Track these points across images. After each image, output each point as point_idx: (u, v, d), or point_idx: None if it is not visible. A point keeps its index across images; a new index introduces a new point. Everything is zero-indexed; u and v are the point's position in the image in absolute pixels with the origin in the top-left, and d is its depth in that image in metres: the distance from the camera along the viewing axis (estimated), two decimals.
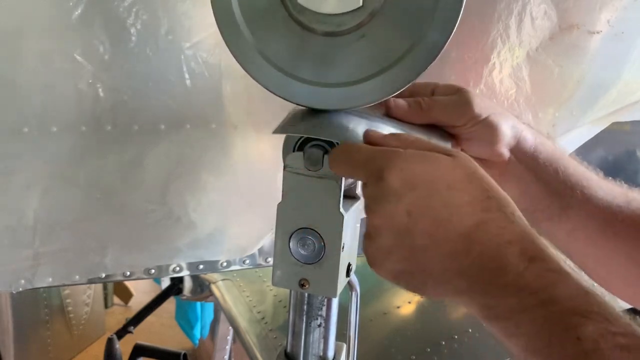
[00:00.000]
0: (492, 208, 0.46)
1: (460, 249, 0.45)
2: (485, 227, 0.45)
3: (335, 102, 0.52)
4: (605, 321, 0.39)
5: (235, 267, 0.97)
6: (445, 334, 1.20)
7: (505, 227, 0.45)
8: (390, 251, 0.47)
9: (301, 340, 0.60)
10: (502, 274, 0.43)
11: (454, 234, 0.45)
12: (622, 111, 0.95)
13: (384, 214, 0.47)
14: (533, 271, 0.42)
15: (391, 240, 0.47)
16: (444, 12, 0.48)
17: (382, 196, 0.47)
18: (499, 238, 0.44)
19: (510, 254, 0.43)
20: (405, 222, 0.46)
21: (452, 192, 0.46)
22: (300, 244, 0.54)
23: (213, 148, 0.80)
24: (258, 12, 0.51)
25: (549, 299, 0.41)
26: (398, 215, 0.46)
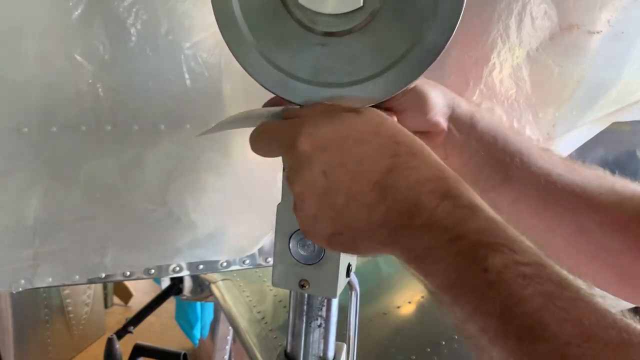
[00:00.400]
0: (401, 152, 0.46)
1: (376, 197, 0.45)
2: (396, 171, 0.45)
3: (335, 102, 0.52)
4: (512, 252, 0.40)
5: (235, 267, 0.97)
6: (445, 334, 1.20)
7: (415, 168, 0.45)
8: (316, 215, 0.48)
9: (301, 340, 0.60)
10: (416, 214, 0.43)
11: (368, 184, 0.45)
12: (622, 111, 0.95)
13: (302, 180, 0.47)
14: (444, 208, 0.43)
15: (314, 204, 0.47)
16: (444, 13, 0.48)
17: (297, 164, 0.48)
18: (410, 179, 0.45)
19: (423, 194, 0.44)
20: (323, 183, 0.46)
21: (361, 145, 0.46)
22: (300, 244, 0.54)
23: (213, 148, 0.80)
24: (258, 12, 0.51)
25: (458, 234, 0.42)
26: (315, 178, 0.47)
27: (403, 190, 0.44)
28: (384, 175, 0.45)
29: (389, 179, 0.45)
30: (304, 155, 0.47)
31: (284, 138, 0.49)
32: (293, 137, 0.48)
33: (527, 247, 0.41)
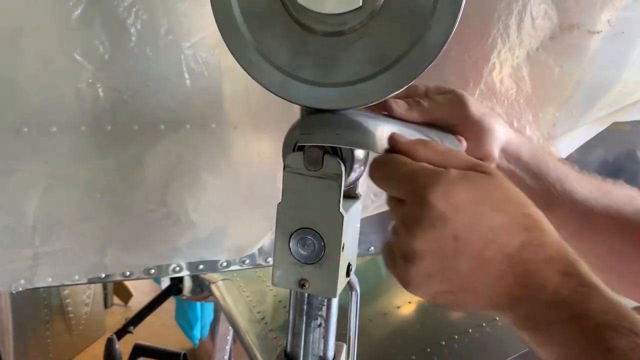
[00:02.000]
0: (531, 226, 0.47)
1: (505, 269, 0.46)
2: (528, 247, 0.46)
3: (335, 102, 0.52)
4: (635, 335, 0.41)
5: (235, 267, 0.97)
6: (445, 334, 1.20)
7: (544, 244, 0.46)
8: (432, 274, 0.47)
9: (301, 340, 0.59)
10: (541, 291, 0.45)
11: (500, 255, 0.46)
12: (622, 111, 0.95)
13: (430, 238, 0.46)
14: (568, 286, 0.44)
15: (436, 264, 0.47)
16: (443, 12, 0.48)
17: (426, 220, 0.46)
18: (540, 255, 0.46)
19: (551, 271, 0.45)
20: (452, 247, 0.46)
21: (495, 214, 0.46)
22: (300, 244, 0.54)
23: (213, 148, 0.80)
24: (258, 12, 0.51)
25: (582, 313, 0.43)
26: (445, 240, 0.46)
27: (534, 266, 0.45)
28: (518, 249, 0.46)
29: (522, 253, 0.46)
30: (437, 214, 0.46)
31: (416, 186, 0.47)
32: (428, 191, 0.46)
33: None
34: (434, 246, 0.46)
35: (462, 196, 0.46)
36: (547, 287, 0.44)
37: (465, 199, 0.46)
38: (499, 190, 0.47)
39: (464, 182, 0.46)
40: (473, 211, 0.46)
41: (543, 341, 0.45)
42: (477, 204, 0.46)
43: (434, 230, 0.46)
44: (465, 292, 0.47)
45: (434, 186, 0.46)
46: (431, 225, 0.46)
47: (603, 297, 0.44)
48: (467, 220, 0.46)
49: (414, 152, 0.50)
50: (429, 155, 0.50)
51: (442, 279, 0.47)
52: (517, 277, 0.45)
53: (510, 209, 0.47)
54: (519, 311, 0.46)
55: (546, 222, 0.48)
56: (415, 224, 0.47)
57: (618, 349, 0.41)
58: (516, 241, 0.46)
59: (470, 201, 0.46)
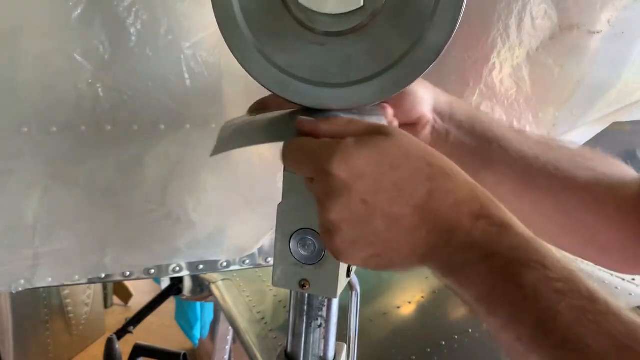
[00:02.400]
0: (436, 174, 0.48)
1: (417, 221, 0.47)
2: (434, 195, 0.47)
3: (335, 102, 0.52)
4: (544, 268, 0.43)
5: (235, 267, 0.97)
6: (445, 334, 1.20)
7: (452, 190, 0.47)
8: (354, 241, 0.48)
9: (301, 340, 0.59)
10: (454, 234, 0.46)
11: (408, 208, 0.47)
12: (622, 111, 0.95)
13: (340, 207, 0.48)
14: (479, 227, 0.46)
15: (353, 230, 0.48)
16: (444, 13, 0.48)
17: (332, 190, 0.48)
18: (448, 201, 0.47)
19: (460, 214, 0.46)
20: (363, 210, 0.47)
21: (397, 170, 0.47)
22: (301, 244, 0.54)
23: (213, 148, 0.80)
24: (259, 12, 0.51)
25: (492, 252, 0.45)
26: (354, 206, 0.47)
27: (443, 213, 0.47)
28: (425, 199, 0.47)
29: (429, 203, 0.47)
30: (341, 183, 0.47)
31: (318, 161, 0.49)
32: (327, 162, 0.47)
33: (557, 262, 0.44)
34: (346, 214, 0.47)
35: (361, 160, 0.47)
36: (458, 230, 0.46)
37: (364, 162, 0.47)
38: (397, 147, 0.48)
39: (360, 147, 0.48)
40: (373, 172, 0.47)
41: (461, 284, 0.47)
42: (377, 165, 0.47)
43: (341, 200, 0.47)
44: (390, 252, 0.48)
45: (332, 157, 0.47)
46: (338, 195, 0.47)
47: (515, 235, 0.45)
48: (370, 182, 0.47)
49: (316, 130, 0.51)
50: (329, 129, 0.51)
51: (365, 243, 0.48)
52: (429, 226, 0.47)
53: (412, 163, 0.48)
54: (438, 259, 0.47)
55: (454, 169, 0.49)
56: (325, 198, 0.48)
57: (527, 284, 0.42)
58: (421, 191, 0.47)
59: (369, 164, 0.47)
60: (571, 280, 0.42)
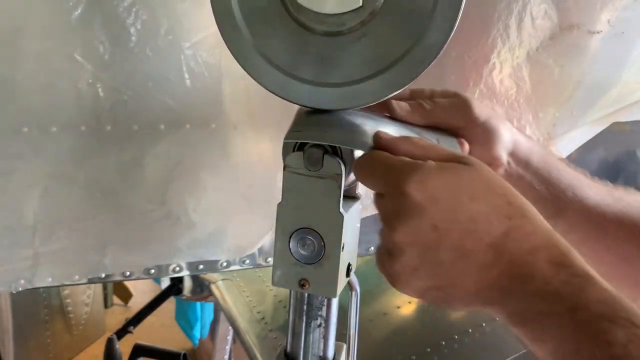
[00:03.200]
0: (516, 215, 0.45)
1: (489, 259, 0.44)
2: (512, 235, 0.44)
3: (335, 102, 0.52)
4: (634, 326, 0.40)
5: (235, 267, 0.97)
6: (445, 334, 1.20)
7: (531, 234, 0.45)
8: (416, 268, 0.46)
9: (301, 340, 0.59)
10: (531, 281, 0.43)
11: (482, 245, 0.44)
12: (622, 111, 0.95)
13: (408, 230, 0.45)
14: (561, 277, 0.43)
15: (417, 257, 0.46)
16: (444, 12, 0.48)
17: (404, 211, 0.45)
18: (526, 245, 0.44)
19: (538, 261, 0.44)
20: (432, 237, 0.45)
21: (475, 203, 0.45)
22: (300, 244, 0.54)
23: (213, 148, 0.80)
24: (258, 12, 0.51)
25: (577, 304, 0.42)
26: (424, 231, 0.45)
27: (519, 256, 0.44)
28: (501, 237, 0.44)
29: (505, 242, 0.44)
30: (414, 205, 0.45)
31: (394, 178, 0.47)
32: (404, 181, 0.46)
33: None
34: (413, 238, 0.45)
35: (439, 185, 0.45)
36: (536, 277, 0.43)
37: (443, 188, 0.45)
38: (480, 179, 0.46)
39: (441, 172, 0.46)
40: (451, 200, 0.45)
41: (537, 336, 0.44)
42: (455, 193, 0.45)
43: (411, 222, 0.45)
44: (452, 287, 0.46)
45: (410, 177, 0.45)
46: (409, 217, 0.45)
47: (598, 288, 0.42)
48: (445, 210, 0.45)
49: (395, 147, 0.50)
50: (410, 149, 0.50)
51: (427, 273, 0.46)
52: (502, 267, 0.44)
53: (492, 198, 0.46)
54: (509, 304, 0.45)
55: (533, 212, 0.47)
56: (393, 217, 0.46)
57: (617, 341, 0.39)
58: (498, 230, 0.45)
59: (448, 190, 0.45)
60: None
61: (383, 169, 0.48)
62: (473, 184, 0.46)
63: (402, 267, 0.47)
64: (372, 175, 0.50)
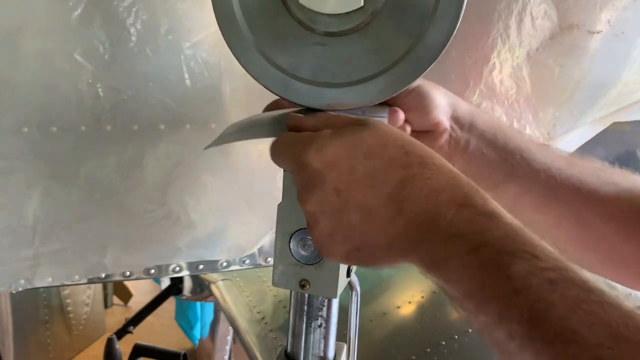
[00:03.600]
0: (413, 163, 0.46)
1: (392, 211, 0.45)
2: (410, 182, 0.45)
3: (336, 102, 0.52)
4: (534, 258, 0.40)
5: (235, 267, 0.97)
6: (445, 334, 1.20)
7: (430, 178, 0.45)
8: (332, 234, 0.48)
9: (301, 340, 0.59)
10: (434, 225, 0.44)
11: (382, 197, 0.45)
12: (622, 111, 0.95)
13: (315, 199, 0.47)
14: (463, 216, 0.43)
15: (329, 222, 0.47)
16: (444, 13, 0.48)
17: (307, 181, 0.47)
18: (424, 190, 0.45)
19: (439, 204, 0.44)
20: (336, 201, 0.46)
21: (371, 159, 0.46)
22: (301, 244, 0.54)
23: (213, 148, 0.80)
24: (259, 12, 0.51)
25: (479, 242, 0.42)
26: (327, 196, 0.46)
27: (419, 202, 0.44)
28: (398, 187, 0.45)
29: (403, 191, 0.45)
30: (314, 173, 0.47)
31: (294, 154, 0.48)
32: (303, 154, 0.47)
33: (549, 251, 0.41)
34: (321, 205, 0.47)
35: (335, 150, 0.46)
36: (440, 220, 0.43)
37: (338, 152, 0.46)
38: (374, 136, 0.47)
39: (336, 137, 0.47)
40: (347, 162, 0.46)
41: (447, 278, 0.44)
42: (351, 154, 0.46)
43: (315, 190, 0.47)
44: (369, 246, 0.47)
45: (308, 147, 0.47)
46: (312, 186, 0.47)
47: (502, 223, 0.42)
48: (343, 172, 0.46)
49: (299, 124, 0.51)
50: (312, 123, 0.51)
51: (342, 236, 0.47)
52: (406, 216, 0.45)
53: (388, 152, 0.46)
54: (420, 252, 0.45)
55: (435, 158, 0.47)
56: (302, 190, 0.48)
57: (517, 275, 0.39)
58: (394, 179, 0.45)
59: (343, 153, 0.46)
60: (564, 269, 0.39)
61: (287, 147, 0.50)
62: (368, 142, 0.47)
63: (321, 235, 0.48)
64: (280, 154, 0.51)
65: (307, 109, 0.54)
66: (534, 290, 0.39)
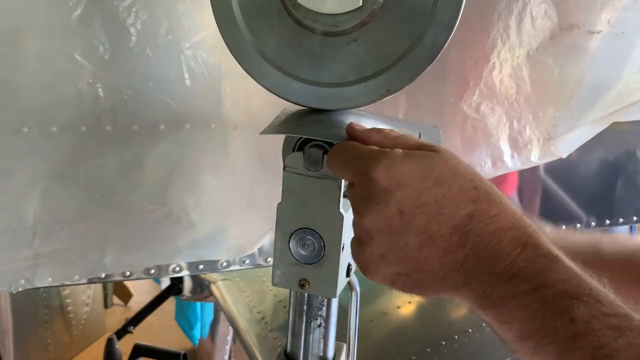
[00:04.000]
0: (481, 198, 0.45)
1: (455, 242, 0.45)
2: (477, 217, 0.45)
3: (335, 102, 0.52)
4: (597, 303, 0.40)
5: (235, 267, 0.97)
6: (445, 334, 1.20)
7: (496, 215, 0.45)
8: (384, 254, 0.47)
9: (301, 340, 0.59)
10: (496, 262, 0.43)
11: (447, 228, 0.45)
12: (622, 111, 0.95)
13: (375, 216, 0.46)
14: (525, 257, 0.43)
15: (385, 242, 0.46)
16: (443, 12, 0.48)
17: (370, 197, 0.46)
18: (491, 227, 0.44)
19: (503, 242, 0.44)
20: (398, 222, 0.45)
21: (441, 187, 0.45)
22: (300, 244, 0.54)
23: (213, 148, 0.80)
24: (258, 12, 0.51)
25: (541, 283, 0.42)
26: (390, 216, 0.45)
27: (484, 237, 0.44)
28: (465, 220, 0.45)
29: (469, 224, 0.44)
30: (380, 190, 0.46)
31: (361, 167, 0.47)
32: (371, 168, 0.46)
33: (612, 298, 0.41)
34: (380, 223, 0.46)
35: (405, 171, 0.45)
36: (500, 258, 0.43)
37: (408, 173, 0.45)
38: (445, 165, 0.46)
39: (407, 158, 0.46)
40: (416, 185, 0.45)
41: (503, 319, 0.43)
42: (421, 179, 0.45)
43: (378, 207, 0.46)
44: (420, 273, 0.46)
45: (377, 163, 0.46)
46: (375, 202, 0.46)
47: (562, 267, 0.42)
48: (411, 194, 0.45)
49: (366, 137, 0.50)
50: (379, 139, 0.50)
51: (395, 258, 0.46)
52: (467, 250, 0.44)
53: (458, 182, 0.46)
54: (475, 288, 0.44)
55: (500, 196, 0.46)
56: (362, 204, 0.47)
57: (580, 318, 0.39)
58: (463, 212, 0.45)
59: (413, 176, 0.45)
60: (627, 316, 0.39)
61: (352, 158, 0.49)
62: (439, 169, 0.46)
63: (372, 253, 0.47)
64: (342, 164, 0.50)
65: None
66: (598, 335, 0.38)
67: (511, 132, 0.90)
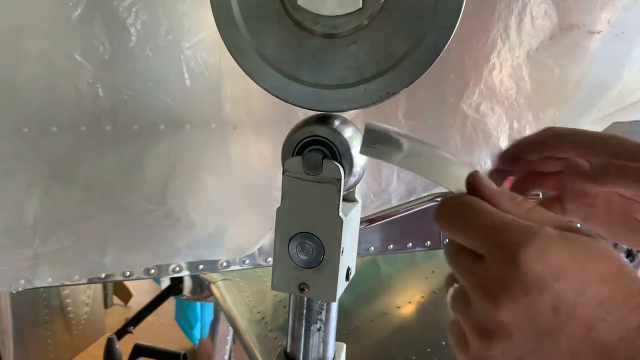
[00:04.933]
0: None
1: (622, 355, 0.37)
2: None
3: (334, 104, 0.52)
4: None
5: (235, 267, 0.97)
6: (445, 334, 1.20)
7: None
8: (521, 357, 0.38)
9: (300, 343, 0.59)
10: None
11: (614, 338, 0.37)
12: (622, 111, 0.95)
13: (520, 309, 0.37)
14: None
15: (526, 343, 0.38)
16: (444, 13, 0.48)
17: (516, 284, 0.37)
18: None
19: None
20: (550, 322, 0.37)
21: (607, 285, 0.37)
22: (300, 248, 0.54)
23: (213, 148, 0.80)
24: (257, 13, 0.51)
25: None
26: (541, 312, 0.37)
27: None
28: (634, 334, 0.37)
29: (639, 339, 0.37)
30: (532, 278, 0.37)
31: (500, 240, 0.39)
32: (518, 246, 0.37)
33: None
34: (526, 320, 0.37)
35: (564, 258, 0.37)
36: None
37: (569, 263, 0.37)
38: (609, 258, 0.38)
39: (565, 242, 0.38)
40: (578, 278, 0.37)
41: None
42: (583, 271, 0.37)
43: (526, 299, 0.37)
44: None
45: (528, 242, 0.37)
46: (523, 292, 0.37)
47: None
48: (571, 289, 0.37)
49: (495, 200, 0.42)
50: (511, 208, 0.41)
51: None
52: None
53: (623, 282, 0.38)
54: None
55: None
56: (500, 289, 0.38)
57: None
58: (634, 322, 0.37)
59: (574, 266, 0.37)
60: None
61: (488, 226, 0.40)
62: (602, 262, 0.38)
63: (504, 353, 0.38)
64: (468, 226, 0.41)
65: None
66: None
67: (511, 132, 0.90)
